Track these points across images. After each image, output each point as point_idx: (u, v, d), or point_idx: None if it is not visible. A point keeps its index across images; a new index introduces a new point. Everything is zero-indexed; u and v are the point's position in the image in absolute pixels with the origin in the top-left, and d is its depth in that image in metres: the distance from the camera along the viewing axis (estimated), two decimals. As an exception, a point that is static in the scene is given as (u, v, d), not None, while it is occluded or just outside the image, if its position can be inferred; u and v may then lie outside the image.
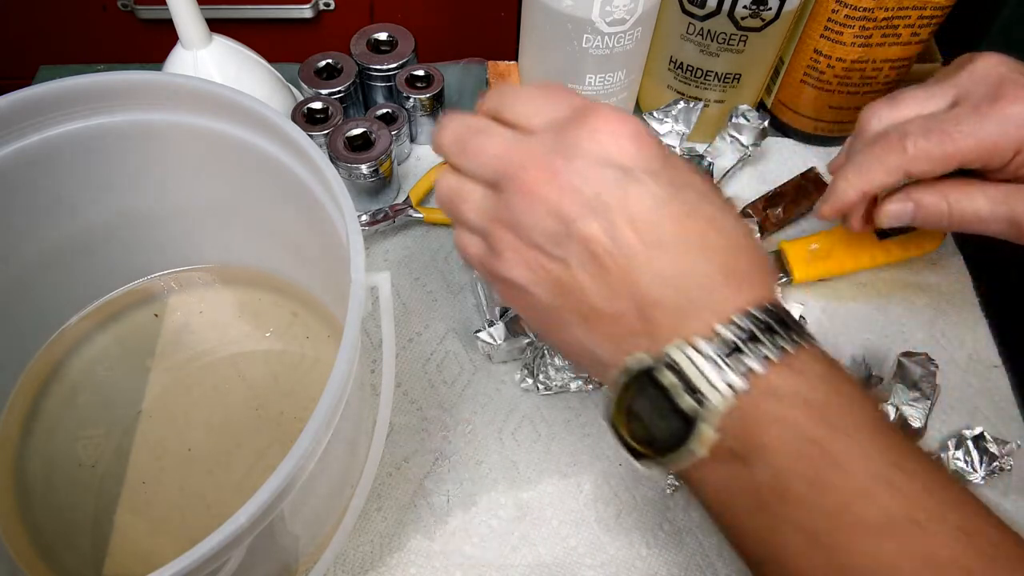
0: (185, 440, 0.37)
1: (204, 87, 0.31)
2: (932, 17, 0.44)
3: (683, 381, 0.24)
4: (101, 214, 0.37)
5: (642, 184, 0.25)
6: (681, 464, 0.25)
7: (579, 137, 0.26)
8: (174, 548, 0.35)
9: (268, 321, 0.41)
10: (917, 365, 0.39)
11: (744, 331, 0.24)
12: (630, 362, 0.25)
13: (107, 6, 0.71)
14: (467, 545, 0.37)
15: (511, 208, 0.27)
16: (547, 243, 0.26)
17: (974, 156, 0.33)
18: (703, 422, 0.24)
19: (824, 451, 0.23)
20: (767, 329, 0.24)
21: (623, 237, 0.25)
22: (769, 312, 0.24)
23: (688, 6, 0.45)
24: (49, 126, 0.32)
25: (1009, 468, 0.38)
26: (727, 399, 0.23)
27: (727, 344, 0.24)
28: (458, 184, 0.29)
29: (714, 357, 0.24)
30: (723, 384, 0.23)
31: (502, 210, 0.27)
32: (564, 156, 0.26)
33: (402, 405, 0.41)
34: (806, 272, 0.45)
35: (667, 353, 0.24)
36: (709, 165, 0.47)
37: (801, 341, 0.24)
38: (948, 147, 0.32)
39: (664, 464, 0.25)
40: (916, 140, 0.33)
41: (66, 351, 0.40)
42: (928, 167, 0.33)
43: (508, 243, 0.27)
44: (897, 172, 0.34)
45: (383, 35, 0.50)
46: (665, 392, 0.24)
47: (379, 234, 0.47)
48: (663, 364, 0.24)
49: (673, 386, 0.24)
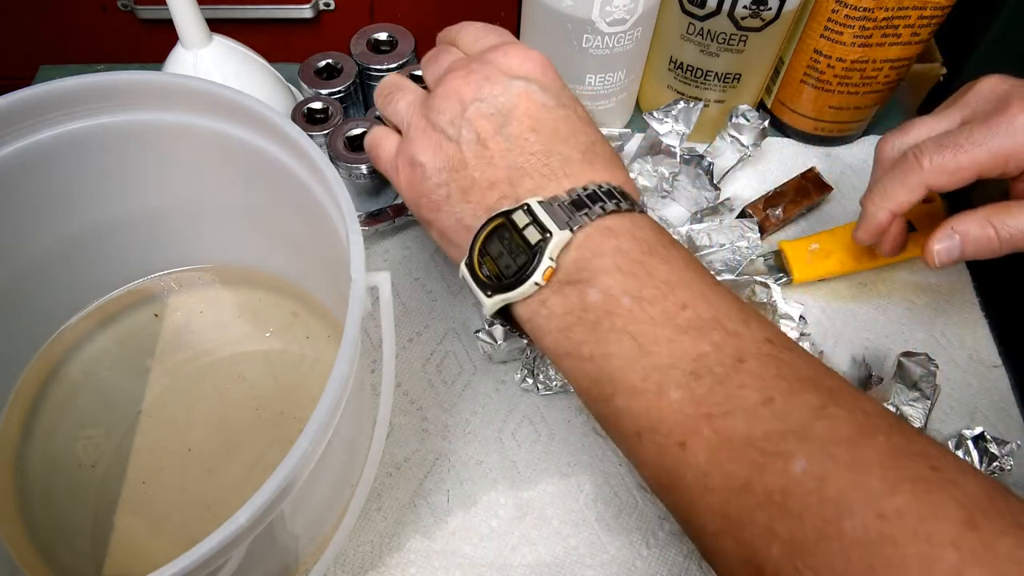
0: (185, 440, 0.37)
1: (204, 87, 0.31)
2: (932, 17, 0.44)
3: (532, 219, 0.29)
4: (101, 214, 0.37)
5: (533, 91, 0.32)
6: (525, 294, 0.29)
7: (496, 54, 0.33)
8: (174, 548, 0.35)
9: (268, 321, 0.41)
10: (917, 365, 0.39)
11: (589, 193, 0.29)
12: (495, 211, 0.30)
13: (107, 6, 0.71)
14: (467, 545, 0.37)
15: (432, 99, 0.33)
16: (448, 126, 0.32)
17: (990, 165, 0.33)
18: (544, 253, 0.28)
19: (650, 273, 0.28)
20: (610, 196, 0.29)
21: (507, 125, 0.31)
22: (614, 188, 0.30)
23: (688, 6, 0.45)
24: (49, 126, 0.32)
25: (1009, 468, 0.38)
26: (567, 234, 0.28)
27: (574, 201, 0.29)
28: (404, 83, 0.37)
29: (561, 207, 0.29)
30: (564, 224, 0.28)
31: (427, 102, 0.34)
32: (480, 63, 0.33)
33: (402, 405, 0.41)
34: (806, 272, 0.45)
35: (525, 201, 0.29)
36: (709, 165, 0.47)
37: (637, 210, 0.30)
38: (962, 158, 0.33)
39: (509, 296, 0.29)
40: (931, 156, 0.34)
41: (66, 351, 0.40)
42: (946, 179, 0.34)
43: (421, 128, 0.33)
44: (919, 188, 0.35)
45: (383, 35, 0.50)
46: (516, 228, 0.29)
47: (379, 234, 0.47)
48: (520, 208, 0.29)
49: (524, 223, 0.29)
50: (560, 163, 0.31)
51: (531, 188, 0.30)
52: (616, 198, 0.29)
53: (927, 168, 0.34)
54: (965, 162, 0.33)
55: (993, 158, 0.33)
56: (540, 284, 0.28)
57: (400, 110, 0.35)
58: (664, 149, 0.48)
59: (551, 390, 0.41)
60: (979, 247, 0.35)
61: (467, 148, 0.32)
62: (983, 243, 0.35)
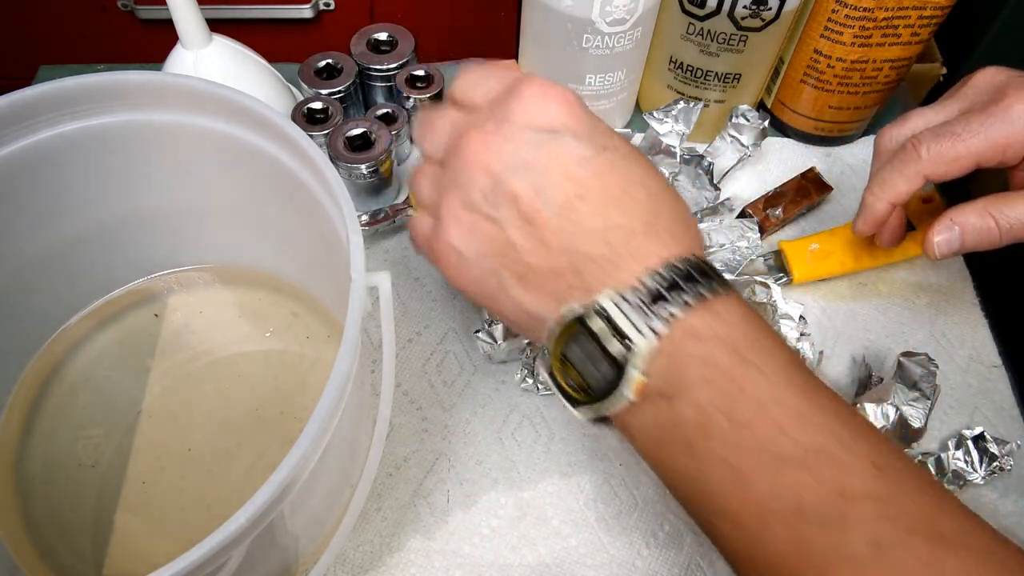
0: (185, 440, 0.37)
1: (204, 87, 0.31)
2: (932, 17, 0.44)
3: (611, 327, 0.25)
4: (101, 214, 0.37)
5: (567, 145, 0.27)
6: (615, 408, 0.26)
7: (510, 106, 0.28)
8: (174, 548, 0.34)
9: (268, 321, 0.41)
10: (917, 365, 0.39)
11: (666, 280, 0.26)
12: (564, 311, 0.27)
13: (107, 6, 0.71)
14: (467, 545, 0.37)
15: (452, 174, 0.29)
16: (482, 203, 0.28)
17: (988, 154, 0.33)
18: (631, 365, 0.25)
19: (741, 388, 0.25)
20: (687, 278, 0.26)
21: (550, 194, 0.27)
22: (690, 263, 0.26)
23: (688, 6, 0.45)
24: (49, 126, 0.32)
25: (1009, 468, 0.38)
26: (651, 342, 0.25)
27: (650, 292, 0.25)
28: (419, 165, 0.32)
29: (639, 304, 0.25)
30: (646, 328, 0.25)
31: (447, 179, 0.29)
32: (495, 122, 0.28)
33: (402, 405, 0.41)
34: (806, 272, 0.45)
35: (596, 301, 0.26)
36: (709, 165, 0.47)
37: (720, 289, 0.26)
38: (960, 147, 0.33)
39: (599, 409, 0.27)
40: (929, 145, 0.34)
41: (66, 351, 0.40)
42: (944, 168, 0.34)
43: (449, 209, 0.29)
44: (916, 177, 0.35)
45: (383, 35, 0.50)
46: (595, 338, 0.26)
47: (379, 234, 0.47)
48: (593, 311, 0.26)
49: (602, 331, 0.25)
50: (623, 240, 0.27)
51: (599, 277, 0.26)
52: (694, 279, 0.26)
53: (925, 157, 0.34)
54: (963, 151, 0.33)
55: (991, 146, 0.33)
56: (631, 399, 0.26)
57: (423, 192, 0.31)
58: (664, 149, 0.48)
59: (551, 390, 0.41)
60: (979, 238, 0.34)
61: (511, 228, 0.28)
62: (983, 234, 0.34)
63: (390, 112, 0.48)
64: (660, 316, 0.25)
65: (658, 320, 0.25)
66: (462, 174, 0.29)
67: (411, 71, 0.49)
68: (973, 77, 0.36)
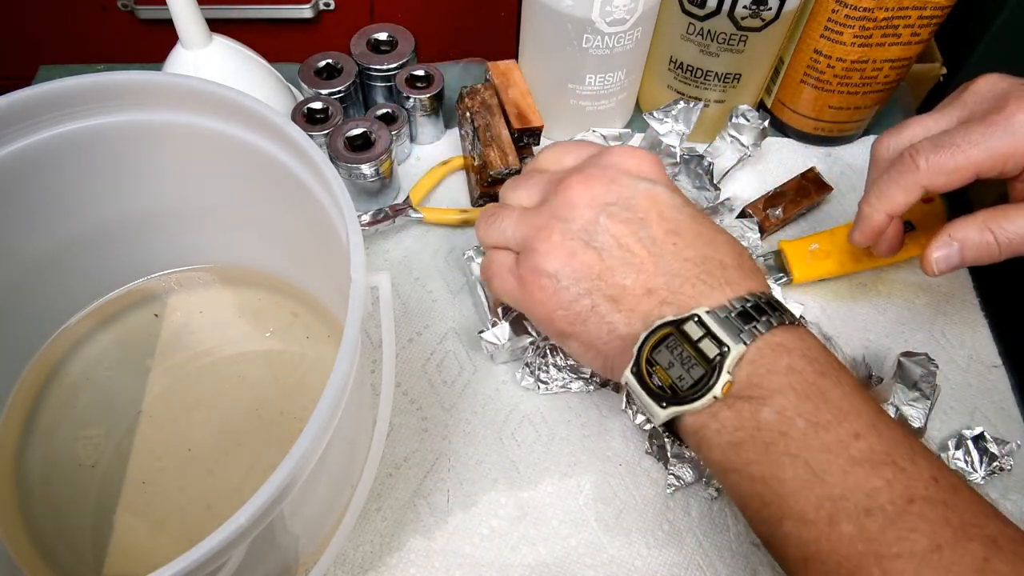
0: (185, 440, 0.37)
1: (204, 87, 0.31)
2: (932, 17, 0.44)
3: (707, 332, 0.28)
4: (101, 214, 0.37)
5: (661, 192, 0.32)
6: (701, 407, 0.28)
7: (611, 158, 0.33)
8: (174, 548, 0.35)
9: (268, 321, 0.41)
10: (917, 365, 0.39)
11: (752, 304, 0.29)
12: (659, 320, 0.30)
13: (107, 6, 0.71)
14: (467, 545, 0.37)
15: (551, 209, 0.32)
16: (582, 233, 0.31)
17: (988, 165, 0.33)
18: (723, 367, 0.28)
19: (824, 397, 0.27)
20: (770, 307, 0.29)
21: (648, 229, 0.31)
22: (769, 297, 0.30)
23: (688, 6, 0.45)
24: (49, 126, 0.32)
25: (1009, 468, 0.39)
26: (742, 348, 0.28)
27: (740, 312, 0.29)
28: (500, 208, 0.35)
29: (731, 318, 0.29)
30: (737, 336, 0.28)
31: (543, 215, 0.33)
32: (598, 167, 0.33)
33: (402, 405, 0.41)
34: (806, 272, 0.45)
35: (694, 311, 0.29)
36: (709, 165, 0.47)
37: (795, 319, 0.30)
38: (959, 158, 0.33)
39: (685, 408, 0.29)
40: (928, 156, 0.33)
41: (66, 351, 0.40)
42: (944, 180, 0.33)
43: (547, 239, 0.32)
44: (915, 189, 0.34)
45: (383, 35, 0.50)
46: (690, 342, 0.29)
47: (379, 234, 0.47)
48: (691, 319, 0.29)
49: (697, 335, 0.28)
50: (717, 270, 0.30)
51: (694, 296, 0.30)
52: (778, 310, 0.29)
53: (923, 168, 0.34)
54: (963, 162, 0.33)
55: (991, 157, 0.32)
56: (718, 398, 0.28)
57: (507, 228, 0.34)
58: (664, 149, 0.48)
59: (551, 390, 0.41)
60: (979, 254, 0.34)
61: (608, 255, 0.31)
62: (983, 250, 0.34)
63: (390, 112, 0.48)
64: (749, 330, 0.28)
65: (747, 333, 0.28)
66: (562, 209, 0.32)
67: (411, 71, 0.49)
68: (974, 84, 0.35)
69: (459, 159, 0.50)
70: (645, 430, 0.40)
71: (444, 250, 0.47)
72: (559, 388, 0.41)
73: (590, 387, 0.41)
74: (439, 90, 0.49)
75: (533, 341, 0.40)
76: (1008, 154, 0.32)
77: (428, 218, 0.47)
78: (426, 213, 0.47)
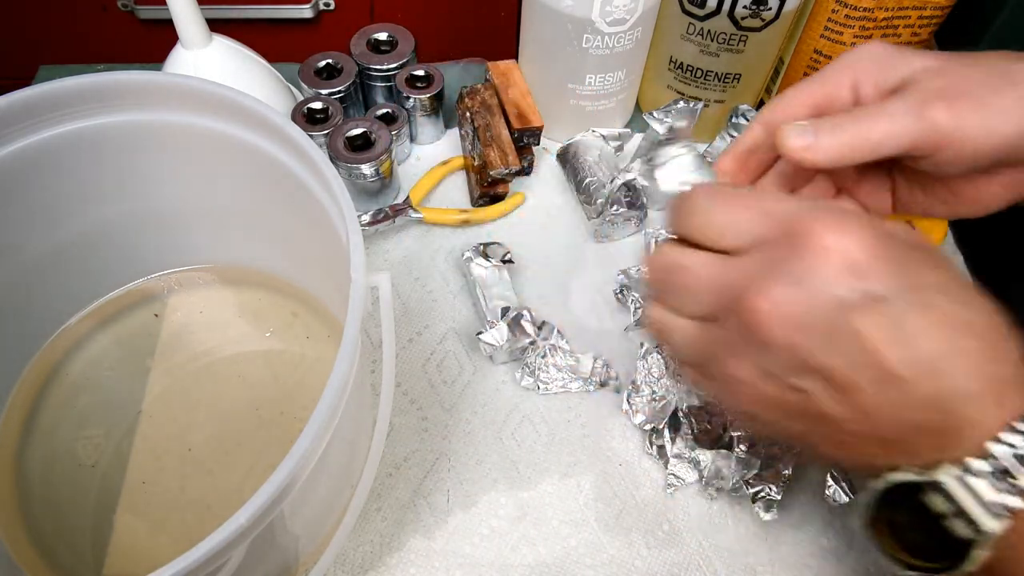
0: (185, 440, 0.37)
1: (204, 87, 0.31)
2: (932, 17, 0.44)
3: (954, 507, 0.23)
4: (101, 214, 0.37)
5: (878, 303, 0.24)
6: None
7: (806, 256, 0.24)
8: (174, 548, 0.34)
9: (268, 321, 0.41)
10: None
11: (1012, 447, 0.23)
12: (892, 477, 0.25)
13: (107, 6, 0.71)
14: (467, 545, 0.37)
15: (737, 338, 0.26)
16: (782, 374, 0.25)
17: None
18: (978, 548, 0.23)
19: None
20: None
21: (868, 364, 0.24)
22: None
23: (688, 6, 0.45)
24: (49, 126, 0.32)
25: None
26: (1003, 523, 0.23)
27: (997, 464, 0.23)
28: (667, 318, 0.28)
29: (985, 480, 0.23)
30: (999, 508, 0.23)
31: (725, 343, 0.26)
32: (787, 283, 0.24)
33: (402, 405, 0.41)
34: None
35: (936, 479, 0.23)
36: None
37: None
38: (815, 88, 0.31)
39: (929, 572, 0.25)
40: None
41: (66, 351, 0.40)
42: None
43: (737, 374, 0.26)
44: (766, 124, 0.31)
45: (383, 35, 0.50)
46: (934, 516, 0.24)
47: (379, 234, 0.47)
48: (931, 487, 0.24)
49: (944, 513, 0.23)
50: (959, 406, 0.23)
51: (934, 447, 0.24)
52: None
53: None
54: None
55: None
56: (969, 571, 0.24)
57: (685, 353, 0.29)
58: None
59: (551, 390, 0.41)
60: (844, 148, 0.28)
61: (823, 400, 0.25)
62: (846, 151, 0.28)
63: (390, 112, 0.48)
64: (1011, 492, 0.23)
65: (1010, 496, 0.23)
66: (752, 344, 0.25)
67: (411, 71, 0.49)
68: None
69: (459, 159, 0.50)
70: (645, 430, 0.40)
71: (444, 250, 0.47)
72: (559, 388, 0.41)
73: (590, 387, 0.41)
74: (439, 90, 0.49)
75: (532, 341, 0.40)
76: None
77: (428, 218, 0.47)
78: (426, 213, 0.47)
